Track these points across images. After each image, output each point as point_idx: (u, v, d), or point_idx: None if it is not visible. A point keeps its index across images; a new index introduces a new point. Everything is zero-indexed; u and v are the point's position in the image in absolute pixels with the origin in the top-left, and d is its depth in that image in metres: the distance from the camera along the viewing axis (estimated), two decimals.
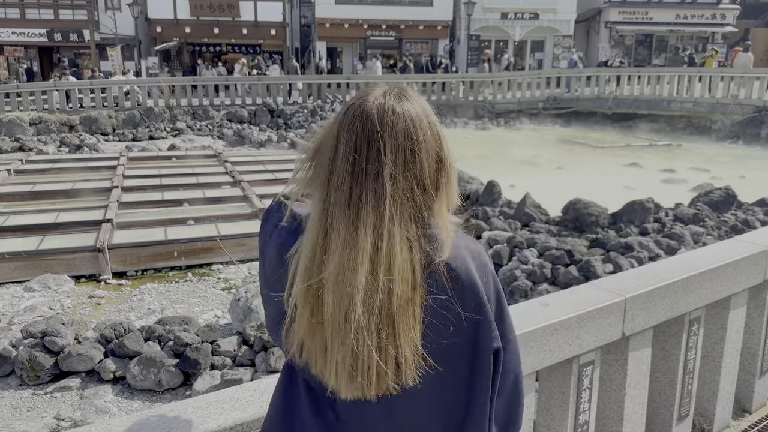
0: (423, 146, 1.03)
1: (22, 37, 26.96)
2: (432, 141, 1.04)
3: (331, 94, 20.11)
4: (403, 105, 1.04)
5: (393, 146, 1.01)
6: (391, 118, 1.02)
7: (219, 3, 26.96)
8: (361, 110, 1.03)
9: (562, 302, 2.24)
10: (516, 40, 29.87)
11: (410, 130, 1.02)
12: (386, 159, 1.00)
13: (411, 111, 1.03)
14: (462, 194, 6.09)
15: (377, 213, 0.99)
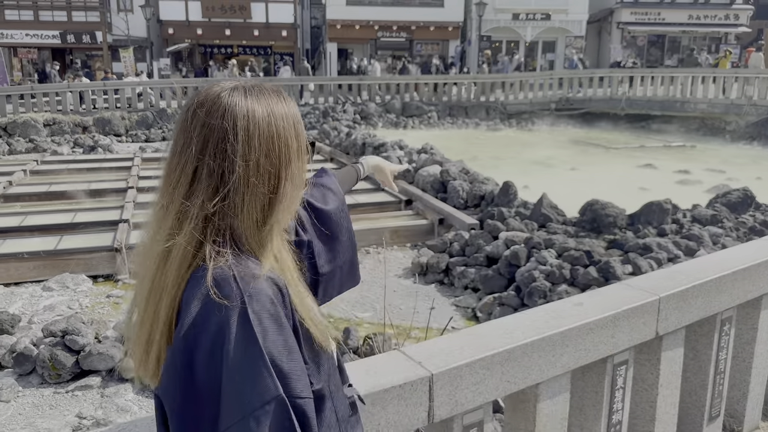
0: (241, 149, 0.96)
1: (36, 38, 27.21)
2: (262, 146, 0.98)
3: (343, 95, 20.14)
4: (240, 101, 0.98)
5: (204, 141, 0.97)
6: (215, 113, 0.97)
7: (231, 4, 27.08)
8: (197, 101, 1.00)
9: (595, 302, 2.23)
10: (527, 41, 29.78)
11: (229, 129, 0.97)
12: (194, 153, 0.96)
13: (242, 108, 0.98)
14: (477, 195, 6.03)
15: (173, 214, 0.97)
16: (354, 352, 4.97)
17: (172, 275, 0.96)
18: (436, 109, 19.96)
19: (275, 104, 1.02)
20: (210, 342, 0.90)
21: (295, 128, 1.05)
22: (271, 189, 1.00)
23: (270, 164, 0.99)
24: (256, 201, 0.98)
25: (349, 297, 6.71)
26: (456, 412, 1.87)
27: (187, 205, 0.96)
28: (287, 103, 1.05)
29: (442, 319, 6.17)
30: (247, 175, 0.97)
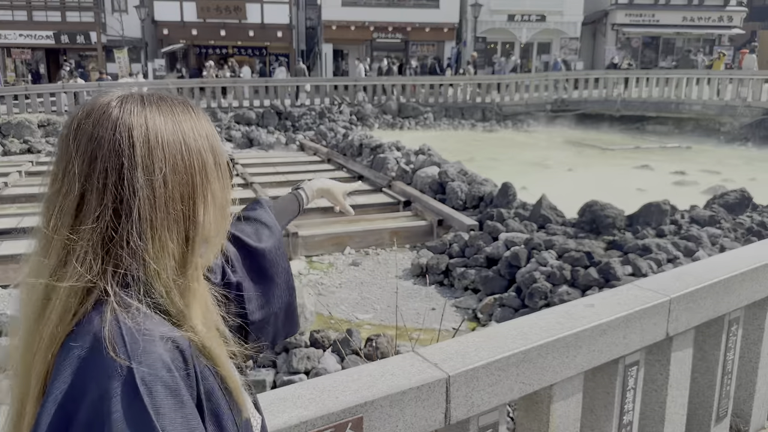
0: (141, 163, 0.79)
1: (30, 39, 27.08)
2: (168, 158, 0.81)
3: (339, 96, 20.14)
4: (136, 109, 0.82)
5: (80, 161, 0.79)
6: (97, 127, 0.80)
7: (226, 5, 27.03)
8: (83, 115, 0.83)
9: (607, 303, 2.24)
10: (522, 43, 29.87)
11: (123, 140, 0.79)
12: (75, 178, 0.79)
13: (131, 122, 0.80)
14: (476, 196, 6.04)
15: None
16: (357, 354, 4.97)
17: (49, 328, 0.76)
18: (433, 110, 19.99)
19: (182, 116, 0.85)
20: (86, 419, 0.71)
21: (210, 142, 0.86)
22: (186, 215, 0.82)
23: (181, 182, 0.81)
24: (170, 230, 0.80)
25: (349, 298, 6.72)
26: (472, 413, 1.88)
27: (72, 239, 0.77)
28: (197, 116, 0.88)
29: (445, 321, 6.18)
30: (153, 195, 0.79)
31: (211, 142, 0.87)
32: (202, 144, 0.85)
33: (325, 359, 4.95)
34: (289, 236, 7.86)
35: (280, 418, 1.56)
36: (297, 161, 13.95)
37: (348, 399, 1.66)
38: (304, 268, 7.65)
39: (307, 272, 7.51)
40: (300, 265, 7.72)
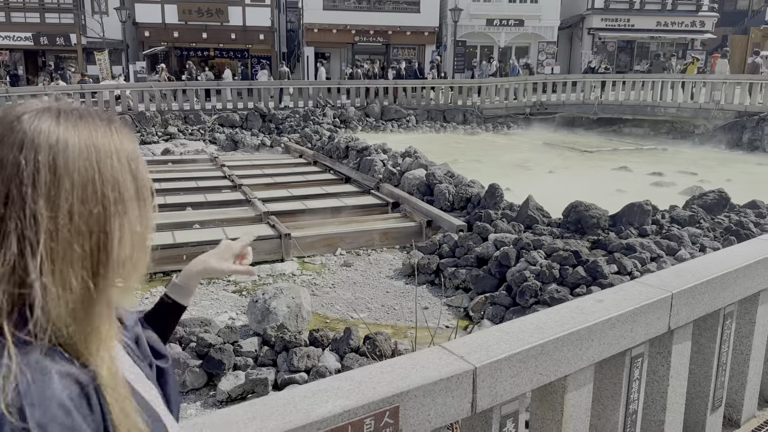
0: (45, 192, 0.72)
1: (8, 40, 26.64)
2: (76, 187, 0.74)
3: (323, 99, 20.20)
4: (49, 127, 0.75)
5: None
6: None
7: (207, 8, 26.91)
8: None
9: (614, 298, 2.38)
10: (501, 46, 30.22)
11: (26, 164, 0.72)
12: None
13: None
14: (463, 197, 6.21)
15: None
16: (355, 352, 5.08)
17: None
18: (415, 113, 20.17)
19: (101, 138, 0.77)
20: None
21: (130, 166, 0.79)
22: (94, 250, 0.75)
23: (90, 215, 0.74)
24: (74, 266, 0.73)
25: (343, 298, 6.82)
26: (495, 403, 2.00)
27: None
28: (119, 138, 0.79)
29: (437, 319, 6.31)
30: (55, 229, 0.72)
31: (133, 167, 0.80)
32: (120, 170, 0.77)
33: (324, 358, 5.05)
34: (282, 237, 7.94)
35: (325, 408, 1.66)
36: (283, 163, 14.00)
37: (384, 390, 1.77)
38: (297, 269, 7.73)
39: (300, 273, 7.59)
40: (293, 266, 7.79)
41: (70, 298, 0.73)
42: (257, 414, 1.64)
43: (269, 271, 7.61)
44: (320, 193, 10.58)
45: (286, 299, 5.72)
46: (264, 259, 7.90)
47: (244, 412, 1.65)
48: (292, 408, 1.65)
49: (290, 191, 10.78)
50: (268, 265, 7.76)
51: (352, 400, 1.70)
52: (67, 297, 0.73)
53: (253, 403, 1.71)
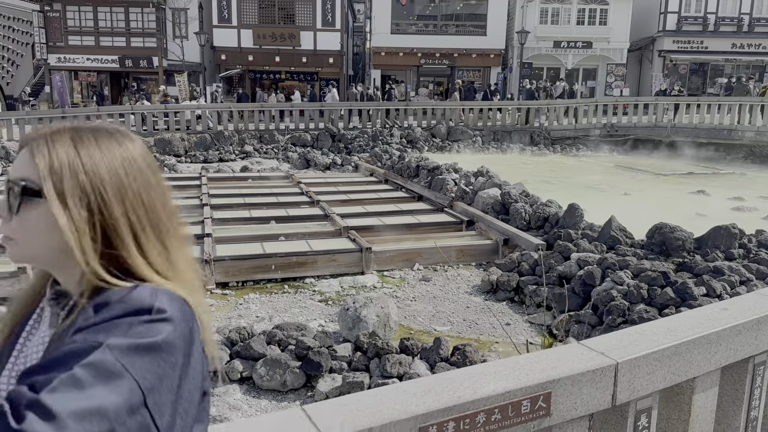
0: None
1: (97, 63, 28.48)
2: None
3: (390, 120, 20.63)
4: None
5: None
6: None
7: (281, 33, 28.02)
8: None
9: (738, 308, 2.49)
10: (568, 68, 30.05)
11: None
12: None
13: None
14: (540, 216, 6.33)
15: None
16: (446, 361, 5.24)
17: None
18: (481, 134, 20.31)
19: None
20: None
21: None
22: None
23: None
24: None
25: (424, 311, 7.00)
26: (632, 397, 2.15)
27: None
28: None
29: (519, 335, 6.41)
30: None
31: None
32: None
33: (415, 365, 5.24)
34: (363, 251, 8.22)
35: (489, 387, 1.86)
36: (355, 181, 14.38)
37: (537, 376, 1.95)
38: (378, 281, 7.98)
39: (381, 286, 7.83)
40: (373, 278, 8.05)
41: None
42: (429, 389, 1.85)
43: (351, 283, 7.89)
44: (394, 210, 10.84)
45: (376, 308, 5.96)
46: (345, 271, 8.20)
47: (415, 387, 1.87)
48: (459, 385, 1.86)
49: (365, 208, 11.10)
50: (350, 277, 8.04)
51: (511, 383, 1.89)
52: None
53: (418, 381, 1.93)
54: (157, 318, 0.93)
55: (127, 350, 0.88)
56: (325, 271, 8.11)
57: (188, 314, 0.99)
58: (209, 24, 28.47)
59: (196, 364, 0.98)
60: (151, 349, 0.90)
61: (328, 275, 8.07)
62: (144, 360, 0.89)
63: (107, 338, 0.88)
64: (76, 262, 0.97)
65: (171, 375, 0.92)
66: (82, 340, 0.89)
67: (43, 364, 0.89)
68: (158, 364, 0.90)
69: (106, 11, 28.15)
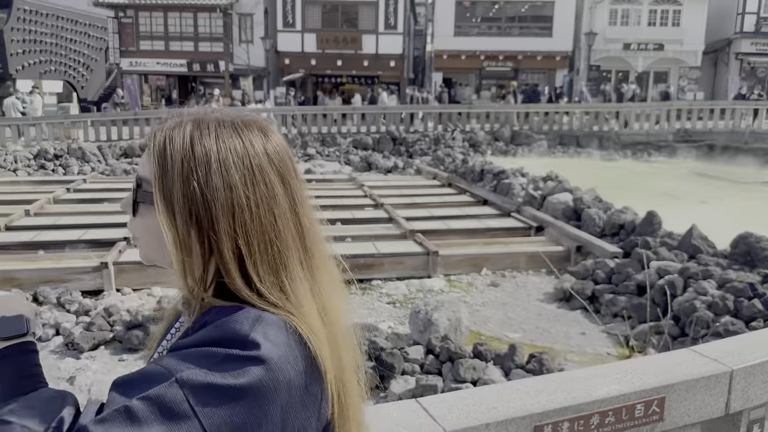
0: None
1: (166, 67, 29.62)
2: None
3: (453, 123, 20.51)
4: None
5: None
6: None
7: (344, 37, 28.37)
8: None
9: None
10: (638, 71, 29.11)
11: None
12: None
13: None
14: (615, 223, 6.08)
15: None
16: (521, 368, 5.13)
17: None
18: (547, 138, 19.90)
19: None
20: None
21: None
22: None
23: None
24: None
25: (494, 317, 6.89)
26: (746, 406, 2.03)
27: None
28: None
29: (595, 345, 6.21)
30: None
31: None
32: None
33: (489, 371, 5.15)
34: (429, 254, 8.17)
35: (603, 390, 1.80)
36: (418, 185, 14.36)
37: (651, 380, 1.87)
38: (445, 285, 7.91)
39: (448, 290, 7.76)
40: (440, 282, 7.99)
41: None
42: (540, 389, 1.80)
43: (418, 286, 7.85)
44: (460, 215, 10.74)
45: (447, 312, 5.90)
46: (411, 274, 8.17)
47: (526, 386, 1.82)
48: (571, 387, 1.80)
49: (430, 211, 11.04)
50: (417, 281, 8.01)
51: (625, 386, 1.83)
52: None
53: (528, 381, 1.88)
54: (248, 356, 0.77)
55: (201, 389, 0.74)
56: (391, 273, 8.11)
57: (299, 353, 0.82)
58: (274, 28, 29.12)
59: (305, 417, 0.82)
60: (232, 394, 0.74)
61: (394, 278, 8.06)
62: (221, 406, 0.74)
63: (183, 370, 0.75)
64: (179, 276, 0.87)
65: (254, 429, 0.76)
66: (162, 364, 0.78)
67: (123, 380, 0.80)
68: (238, 415, 0.74)
69: (176, 17, 29.23)
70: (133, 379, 0.78)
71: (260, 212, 0.87)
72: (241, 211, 0.86)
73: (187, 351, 0.78)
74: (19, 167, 15.45)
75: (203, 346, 0.77)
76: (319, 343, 0.84)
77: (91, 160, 16.39)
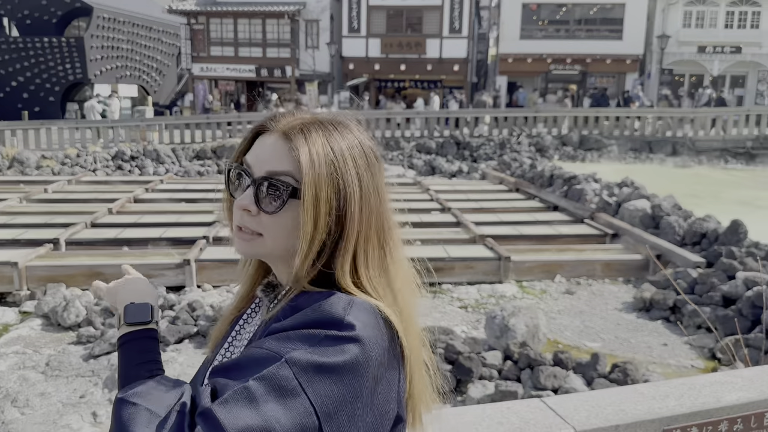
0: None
1: (234, 72, 30.49)
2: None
3: (518, 127, 20.23)
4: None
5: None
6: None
7: (408, 41, 28.47)
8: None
9: None
10: (713, 75, 27.92)
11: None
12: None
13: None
14: (697, 232, 5.82)
15: None
16: (605, 378, 4.99)
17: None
18: (617, 143, 19.34)
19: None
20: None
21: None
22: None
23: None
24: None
25: (571, 325, 6.73)
26: None
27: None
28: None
29: (678, 357, 5.97)
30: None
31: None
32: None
33: (571, 379, 5.03)
34: (501, 260, 8.07)
35: (731, 396, 1.74)
36: (485, 189, 14.22)
37: None
38: (517, 291, 7.79)
39: (521, 296, 7.64)
40: (512, 288, 7.88)
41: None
42: (666, 393, 1.75)
43: (490, 292, 7.76)
44: (530, 220, 10.56)
45: (525, 318, 5.81)
46: (482, 279, 8.09)
47: (650, 390, 1.78)
48: (698, 392, 1.75)
49: (499, 216, 10.91)
50: (488, 286, 7.92)
51: (754, 394, 1.75)
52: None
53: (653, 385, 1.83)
54: (344, 336, 0.84)
55: (307, 367, 0.81)
56: (461, 278, 8.06)
57: (385, 334, 0.90)
58: (339, 34, 29.53)
59: (387, 390, 0.90)
60: (333, 371, 0.82)
61: (464, 282, 8.01)
62: (324, 381, 0.81)
63: (290, 351, 0.82)
64: (297, 265, 0.92)
65: (353, 402, 0.83)
66: (267, 347, 0.84)
67: (230, 365, 0.86)
68: (339, 388, 0.82)
69: (245, 23, 30.04)
70: (240, 363, 0.85)
71: (377, 204, 0.96)
72: (367, 202, 0.94)
73: (288, 333, 0.85)
74: (98, 167, 16.24)
75: (303, 329, 0.84)
76: (401, 328, 0.93)
77: (165, 161, 17.04)
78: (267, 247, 0.96)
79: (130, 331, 0.98)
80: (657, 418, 1.67)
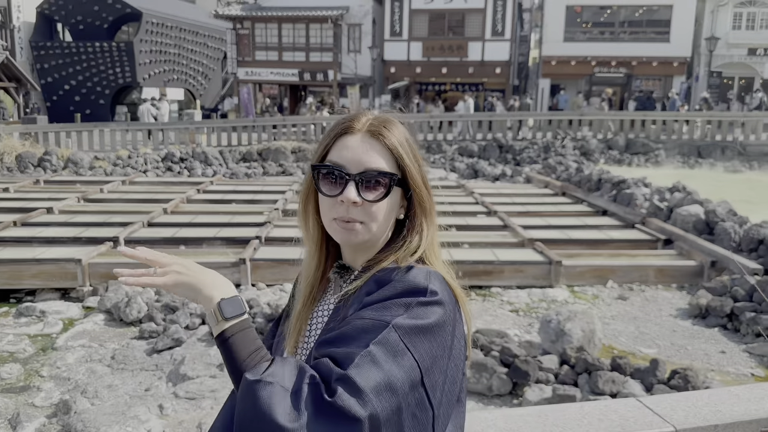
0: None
1: (278, 76, 30.96)
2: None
3: (562, 131, 20.01)
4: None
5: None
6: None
7: (449, 44, 28.46)
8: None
9: None
10: (764, 78, 27.09)
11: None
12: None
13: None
14: (754, 238, 5.67)
15: None
16: (664, 384, 4.94)
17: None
18: (664, 147, 18.95)
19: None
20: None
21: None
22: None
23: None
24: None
25: (626, 331, 6.66)
26: None
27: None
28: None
29: (737, 365, 5.85)
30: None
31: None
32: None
33: (629, 385, 4.99)
34: (552, 264, 8.03)
35: None
36: (530, 193, 14.12)
37: None
38: (569, 296, 7.73)
39: (573, 301, 7.59)
40: (563, 293, 7.82)
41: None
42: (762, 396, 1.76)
43: (541, 296, 7.73)
44: (579, 224, 10.44)
45: (581, 323, 5.78)
46: (532, 283, 8.05)
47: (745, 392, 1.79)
48: (741, 400, 1.77)
49: (546, 220, 10.83)
50: (539, 290, 7.88)
51: None
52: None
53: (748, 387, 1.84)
54: (431, 300, 1.01)
55: (409, 329, 0.97)
56: (511, 281, 8.04)
57: (453, 298, 1.08)
58: (381, 38, 29.70)
59: (460, 345, 1.06)
60: (427, 331, 0.98)
61: (514, 286, 7.99)
62: (422, 341, 0.97)
63: (393, 318, 0.98)
64: (381, 243, 1.13)
65: (442, 356, 1.00)
66: (370, 317, 0.99)
67: (338, 337, 1.00)
68: (432, 345, 0.98)
69: (289, 28, 30.49)
70: (348, 334, 0.98)
71: (428, 185, 1.17)
72: (428, 184, 1.16)
73: (385, 303, 1.00)
74: (149, 168, 16.72)
75: (396, 298, 1.01)
76: (459, 292, 1.15)
77: (213, 163, 17.44)
78: (370, 232, 1.10)
79: (232, 325, 1.04)
80: (755, 419, 1.69)
